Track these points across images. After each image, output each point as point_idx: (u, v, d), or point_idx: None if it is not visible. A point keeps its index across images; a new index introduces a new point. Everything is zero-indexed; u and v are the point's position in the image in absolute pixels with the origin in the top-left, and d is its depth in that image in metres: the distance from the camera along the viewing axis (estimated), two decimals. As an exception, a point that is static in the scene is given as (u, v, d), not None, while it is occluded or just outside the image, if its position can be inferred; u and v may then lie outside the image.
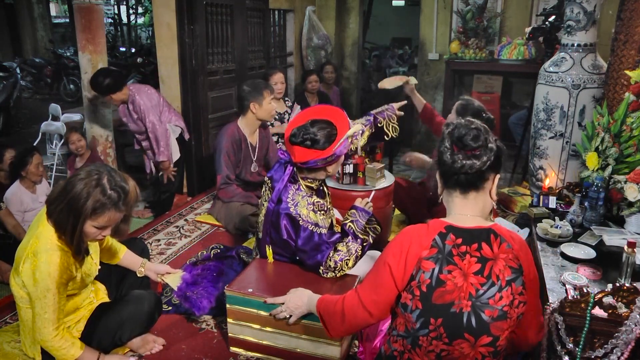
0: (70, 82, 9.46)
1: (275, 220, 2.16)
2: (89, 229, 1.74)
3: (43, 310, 1.74)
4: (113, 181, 1.73)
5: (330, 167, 2.17)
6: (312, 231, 2.12)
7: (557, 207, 2.56)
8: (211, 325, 2.33)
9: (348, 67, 6.62)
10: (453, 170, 1.36)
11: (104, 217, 1.72)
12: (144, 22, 14.91)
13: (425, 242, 1.35)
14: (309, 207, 2.14)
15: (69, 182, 1.73)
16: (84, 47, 4.04)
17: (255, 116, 3.27)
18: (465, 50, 5.48)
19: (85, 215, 1.69)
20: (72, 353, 1.82)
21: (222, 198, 3.30)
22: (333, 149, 2.07)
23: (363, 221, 2.22)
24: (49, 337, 1.77)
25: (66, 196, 1.70)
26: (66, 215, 1.70)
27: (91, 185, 1.69)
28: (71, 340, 1.83)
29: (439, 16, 5.80)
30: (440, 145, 1.40)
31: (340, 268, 2.12)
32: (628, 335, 1.48)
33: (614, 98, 2.59)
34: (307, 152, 2.08)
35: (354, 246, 2.16)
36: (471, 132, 1.35)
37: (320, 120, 2.13)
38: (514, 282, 1.33)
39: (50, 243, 1.73)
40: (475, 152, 1.34)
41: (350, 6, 6.39)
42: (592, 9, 2.86)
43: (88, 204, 1.68)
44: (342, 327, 1.55)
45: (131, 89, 3.64)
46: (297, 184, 2.18)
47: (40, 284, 1.71)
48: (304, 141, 2.06)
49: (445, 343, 1.35)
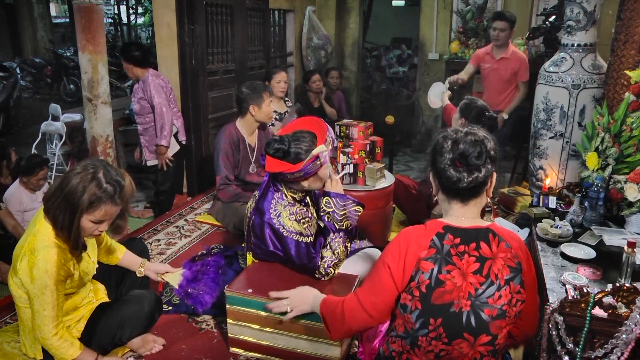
0: (70, 82, 9.46)
1: (260, 233, 2.14)
2: (86, 224, 1.74)
3: (42, 307, 1.74)
4: (109, 175, 1.73)
5: (305, 182, 2.11)
6: (298, 241, 2.10)
7: (557, 207, 2.56)
8: (211, 325, 2.33)
9: (348, 67, 6.63)
10: (456, 185, 1.34)
11: (100, 211, 1.72)
12: (144, 22, 14.91)
13: (423, 242, 1.35)
14: (291, 217, 2.12)
15: (65, 177, 1.73)
16: (84, 47, 4.03)
17: (254, 118, 3.27)
18: (465, 50, 5.48)
19: (82, 209, 1.69)
20: (71, 353, 1.82)
21: (221, 199, 3.30)
22: (301, 165, 2.03)
23: (339, 210, 2.14)
24: (49, 335, 1.78)
25: (62, 191, 1.70)
26: (63, 210, 1.70)
27: (87, 179, 1.69)
28: (70, 340, 1.83)
29: (439, 16, 5.80)
30: (439, 160, 1.35)
31: (332, 272, 2.12)
32: (628, 335, 1.48)
33: (614, 98, 2.59)
34: (277, 164, 2.05)
35: (336, 243, 2.13)
36: (475, 150, 1.31)
37: (302, 134, 2.09)
38: (512, 280, 1.33)
39: (47, 240, 1.74)
40: (479, 167, 1.32)
41: (350, 6, 6.39)
42: (592, 9, 2.86)
43: (84, 198, 1.68)
44: (342, 329, 1.54)
45: (149, 71, 3.76)
46: (279, 193, 2.16)
47: (38, 281, 1.71)
48: (276, 152, 2.04)
49: (444, 343, 1.35)
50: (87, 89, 4.16)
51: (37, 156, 3.56)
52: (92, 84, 4.13)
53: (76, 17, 4.05)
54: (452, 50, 5.57)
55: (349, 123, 3.13)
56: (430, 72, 6.08)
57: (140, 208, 4.30)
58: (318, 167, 2.07)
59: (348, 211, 2.15)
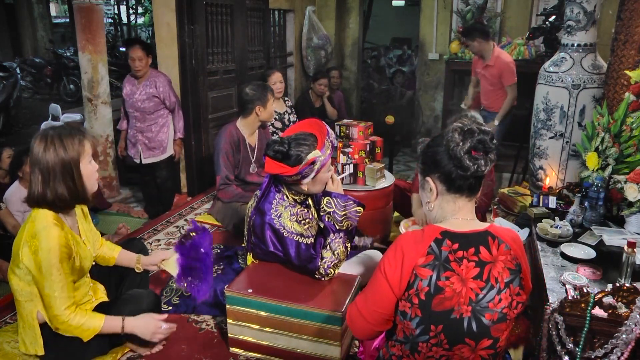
0: (70, 82, 9.46)
1: (260, 233, 2.15)
2: (86, 169, 1.84)
3: (52, 289, 1.77)
4: (65, 127, 1.86)
5: (304, 185, 2.11)
6: (299, 242, 2.10)
7: (557, 207, 2.56)
8: (211, 325, 2.33)
9: (348, 67, 6.63)
10: (470, 174, 1.32)
11: (87, 147, 1.84)
12: (144, 22, 14.91)
13: (421, 249, 1.33)
14: (292, 218, 2.12)
15: (36, 164, 1.78)
16: (84, 47, 4.04)
17: (258, 118, 3.29)
18: (465, 50, 5.48)
19: (76, 160, 1.80)
20: (95, 325, 1.85)
21: (221, 198, 3.30)
22: (299, 169, 2.03)
23: (340, 210, 2.15)
24: (66, 317, 1.80)
25: (48, 171, 1.77)
26: (61, 181, 1.78)
27: (55, 143, 1.78)
28: (88, 314, 1.86)
29: (439, 16, 5.80)
30: (450, 155, 1.33)
31: (332, 273, 2.12)
32: (628, 335, 1.47)
33: (614, 98, 2.59)
34: (276, 165, 2.06)
35: (336, 244, 2.13)
36: (488, 134, 1.33)
37: (304, 136, 2.09)
38: (512, 283, 1.33)
39: (46, 221, 1.78)
40: (493, 151, 1.33)
41: (350, 6, 6.39)
42: (592, 9, 2.86)
43: (70, 153, 1.79)
44: (354, 333, 1.54)
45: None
46: (280, 194, 2.17)
47: (44, 263, 1.75)
48: (275, 154, 2.05)
49: (445, 349, 1.34)
50: (87, 89, 4.17)
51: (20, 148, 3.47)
52: (92, 84, 4.14)
53: (76, 17, 4.05)
54: (452, 50, 5.57)
55: (349, 123, 3.13)
56: (430, 72, 6.09)
57: (140, 208, 4.30)
58: (315, 171, 2.07)
59: (349, 212, 2.16)
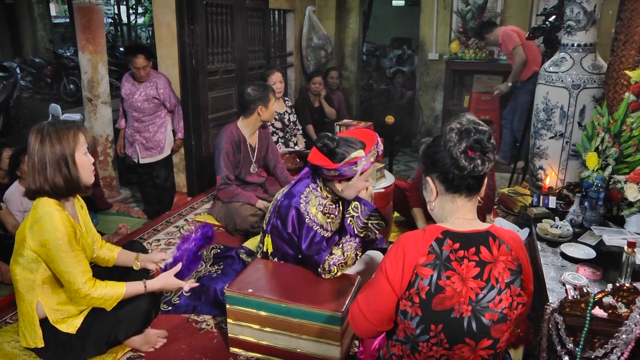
0: (70, 82, 9.45)
1: (285, 213, 2.18)
2: (81, 159, 1.87)
3: (65, 265, 1.81)
4: (60, 121, 1.89)
5: (339, 185, 2.14)
6: (316, 231, 2.12)
7: (557, 207, 2.56)
8: (211, 325, 2.33)
9: (348, 67, 6.63)
10: (466, 174, 1.32)
11: (81, 139, 1.88)
12: (144, 22, 14.89)
13: (422, 248, 1.33)
14: (319, 208, 2.16)
15: (34, 156, 1.80)
16: (84, 47, 4.04)
17: (259, 118, 3.29)
18: (465, 50, 5.48)
19: (72, 150, 1.83)
20: (119, 292, 1.91)
21: (221, 198, 3.30)
22: (338, 165, 2.07)
23: (364, 218, 2.19)
24: (87, 290, 1.84)
25: (44, 164, 1.80)
26: (58, 170, 1.81)
27: (51, 135, 1.81)
28: (108, 284, 1.91)
29: (439, 16, 5.81)
30: (448, 155, 1.33)
31: (335, 271, 2.13)
32: (628, 335, 1.48)
33: (614, 98, 2.59)
34: (319, 157, 2.12)
35: (349, 246, 2.15)
36: (485, 134, 1.32)
37: (354, 140, 2.15)
38: (512, 283, 1.33)
39: (49, 206, 1.82)
40: (492, 150, 1.33)
41: (350, 6, 6.39)
42: (592, 9, 2.86)
43: (65, 144, 1.82)
44: (357, 333, 1.55)
45: (157, 72, 3.93)
46: (315, 184, 2.21)
47: (52, 242, 1.78)
48: (322, 146, 2.10)
49: (445, 348, 1.34)
50: (87, 89, 4.17)
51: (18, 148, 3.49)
52: (92, 84, 4.15)
53: (76, 17, 4.05)
54: (452, 50, 5.57)
55: (349, 123, 3.13)
56: (431, 72, 6.09)
57: (140, 208, 4.30)
58: (353, 172, 2.09)
59: (371, 222, 2.20)
